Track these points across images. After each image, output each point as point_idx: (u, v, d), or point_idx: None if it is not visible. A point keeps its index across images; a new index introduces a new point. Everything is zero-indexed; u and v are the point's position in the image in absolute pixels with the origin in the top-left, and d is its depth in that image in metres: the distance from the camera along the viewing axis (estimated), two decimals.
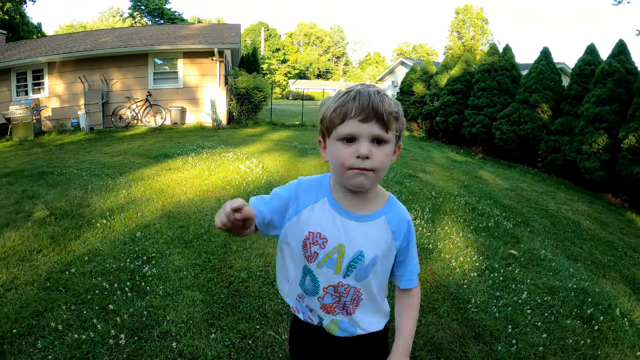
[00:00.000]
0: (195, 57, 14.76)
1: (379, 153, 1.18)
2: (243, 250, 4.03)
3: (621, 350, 3.09)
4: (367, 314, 1.37)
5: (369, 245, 1.28)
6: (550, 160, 11.09)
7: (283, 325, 2.87)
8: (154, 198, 5.43)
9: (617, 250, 5.65)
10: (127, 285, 3.20)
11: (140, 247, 3.94)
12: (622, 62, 9.68)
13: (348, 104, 1.16)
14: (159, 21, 51.78)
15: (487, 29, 48.14)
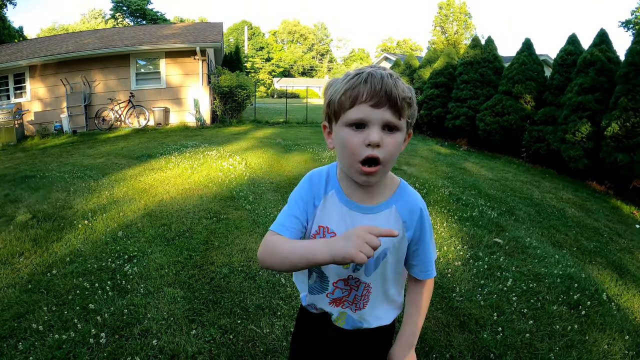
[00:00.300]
0: (177, 56, 14.66)
1: (390, 141, 1.10)
2: (225, 247, 4.02)
3: (609, 334, 3.09)
4: (377, 309, 1.32)
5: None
6: (534, 150, 11.14)
7: (265, 319, 2.86)
8: (136, 198, 5.42)
9: (602, 236, 5.68)
10: (108, 284, 3.19)
11: (121, 246, 3.92)
12: (603, 51, 9.71)
13: (359, 87, 1.08)
14: (141, 22, 51.41)
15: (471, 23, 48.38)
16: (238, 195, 5.63)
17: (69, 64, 14.13)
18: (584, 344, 2.94)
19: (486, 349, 2.74)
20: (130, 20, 52.88)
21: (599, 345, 2.95)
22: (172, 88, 14.83)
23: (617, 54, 9.86)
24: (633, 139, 8.10)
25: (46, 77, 14.34)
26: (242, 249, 3.96)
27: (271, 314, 2.94)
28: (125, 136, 12.21)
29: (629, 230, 6.25)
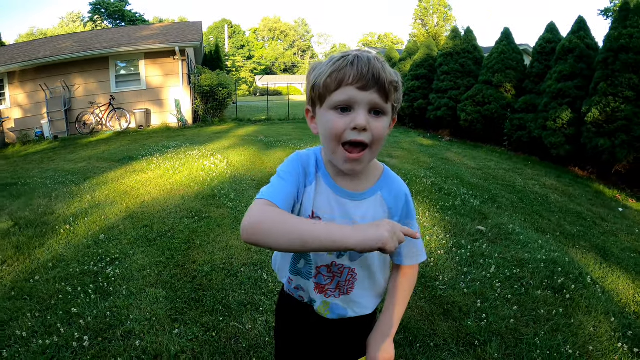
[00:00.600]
0: (156, 57, 14.50)
1: (377, 125, 1.07)
2: (207, 245, 4.00)
3: (595, 317, 3.11)
4: (362, 295, 1.28)
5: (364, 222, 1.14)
6: (516, 138, 11.22)
7: (247, 316, 2.85)
8: (118, 200, 5.36)
9: (586, 220, 5.73)
10: (90, 288, 3.16)
11: (103, 249, 3.88)
12: (582, 38, 9.81)
13: (345, 69, 1.04)
14: (120, 23, 50.77)
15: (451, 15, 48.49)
16: (220, 193, 5.60)
17: (48, 69, 13.91)
18: (570, 327, 2.95)
19: (471, 336, 2.74)
20: (109, 22, 52.21)
21: (584, 328, 2.96)
22: (153, 89, 14.68)
23: (596, 40, 9.98)
24: (613, 123, 8.19)
25: (25, 83, 14.11)
26: (223, 247, 3.95)
27: (253, 310, 2.92)
28: (106, 140, 12.08)
29: (612, 213, 6.32)
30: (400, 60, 17.16)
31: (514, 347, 2.68)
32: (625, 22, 8.48)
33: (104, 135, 13.14)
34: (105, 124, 14.01)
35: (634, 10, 8.49)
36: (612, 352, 2.73)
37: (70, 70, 14.05)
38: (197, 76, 14.84)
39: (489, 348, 2.62)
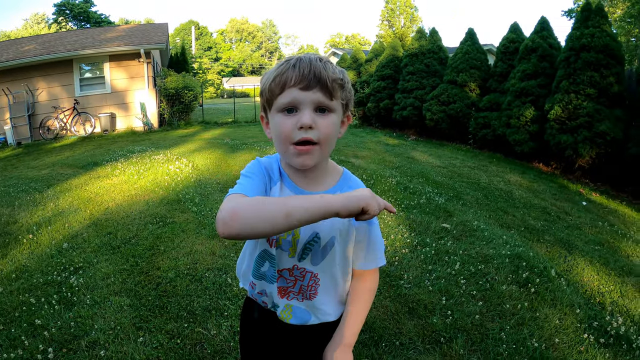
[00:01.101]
0: (121, 59, 14.18)
1: (324, 122, 1.08)
2: (171, 250, 3.94)
3: (560, 309, 3.17)
4: (325, 302, 1.27)
5: (325, 226, 1.17)
6: (480, 136, 11.42)
7: (212, 321, 2.81)
8: (81, 207, 5.24)
9: (550, 215, 5.86)
10: (54, 298, 3.08)
11: (67, 258, 3.79)
12: (544, 38, 10.08)
13: (287, 72, 1.07)
14: (85, 25, 49.48)
15: (417, 16, 49.10)
16: (184, 198, 5.53)
17: (10, 73, 13.44)
18: (535, 320, 3.00)
19: (436, 333, 2.76)
20: (74, 24, 50.79)
21: (550, 320, 3.01)
22: (118, 93, 14.36)
23: (558, 40, 10.28)
24: (576, 120, 8.43)
25: None
26: (188, 252, 3.90)
27: (218, 315, 2.90)
28: (71, 145, 11.78)
29: (575, 207, 6.49)
30: (367, 61, 17.27)
31: (480, 342, 2.71)
32: (587, 22, 8.77)
33: (69, 140, 12.80)
34: (69, 129, 13.64)
35: (595, 11, 8.81)
36: (578, 343, 2.78)
37: (33, 74, 13.61)
38: (163, 79, 14.63)
39: (455, 344, 2.64)
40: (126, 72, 14.31)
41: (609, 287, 3.74)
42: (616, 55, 8.44)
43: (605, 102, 8.33)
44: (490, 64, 12.29)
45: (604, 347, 2.78)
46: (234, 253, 3.86)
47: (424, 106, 13.01)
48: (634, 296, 3.64)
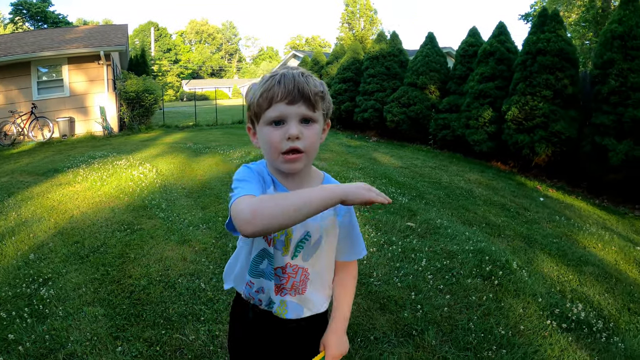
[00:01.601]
0: (80, 62, 13.78)
1: (309, 133, 1.19)
2: (141, 258, 3.89)
3: (523, 299, 3.36)
4: (314, 295, 1.37)
5: (314, 225, 1.29)
6: (440, 137, 11.74)
7: (189, 326, 2.82)
8: (45, 216, 5.09)
9: (510, 211, 6.10)
10: (25, 311, 2.99)
11: (35, 269, 3.67)
12: (502, 42, 10.50)
13: (274, 88, 1.17)
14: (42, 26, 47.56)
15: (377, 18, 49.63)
16: (150, 204, 5.47)
17: None
18: (501, 310, 3.18)
19: (408, 326, 2.87)
20: (31, 24, 48.60)
21: (514, 310, 3.20)
22: (77, 96, 13.96)
23: (515, 44, 10.72)
24: (532, 120, 8.82)
25: None
26: (158, 259, 3.86)
27: (195, 320, 2.90)
28: (29, 151, 11.36)
29: (533, 203, 6.78)
30: (327, 64, 17.41)
31: (450, 332, 2.85)
32: (543, 27, 9.20)
33: (27, 146, 12.32)
34: (27, 134, 13.14)
35: (551, 17, 9.26)
36: (542, 329, 2.97)
37: None
38: (123, 82, 14.32)
39: (427, 336, 2.76)
40: (85, 74, 13.95)
41: (568, 276, 3.97)
42: (571, 59, 8.89)
43: (561, 103, 8.75)
44: (449, 66, 12.64)
45: (566, 332, 2.98)
46: (205, 258, 3.86)
47: (384, 108, 13.24)
48: (592, 283, 3.89)
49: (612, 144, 7.64)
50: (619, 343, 2.93)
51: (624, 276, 4.22)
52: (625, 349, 2.86)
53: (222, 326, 2.81)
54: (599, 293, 3.71)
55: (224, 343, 2.62)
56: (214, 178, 6.87)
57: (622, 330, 3.15)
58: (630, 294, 3.79)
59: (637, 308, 3.54)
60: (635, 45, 7.65)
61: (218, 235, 4.41)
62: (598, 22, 22.40)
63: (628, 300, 3.65)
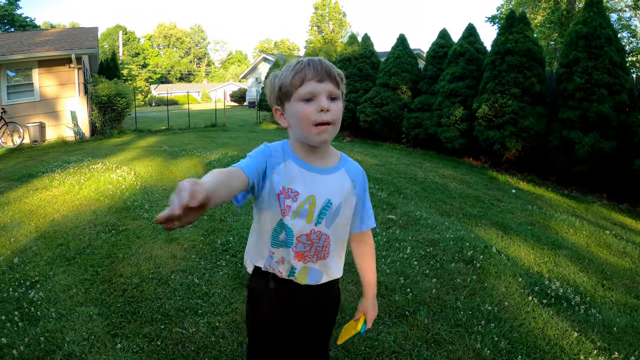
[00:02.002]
0: (51, 65, 13.45)
1: (335, 107, 1.35)
2: (130, 257, 3.89)
3: (504, 280, 3.58)
4: (334, 259, 1.51)
5: (335, 194, 1.43)
6: (413, 135, 12.03)
7: (188, 320, 2.85)
8: (25, 221, 5.00)
9: (484, 202, 6.35)
10: (15, 315, 2.94)
11: (20, 273, 3.61)
12: (472, 43, 10.89)
13: (305, 70, 1.33)
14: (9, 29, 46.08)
15: (346, 21, 50.13)
16: (133, 205, 5.45)
17: None
18: (485, 290, 3.38)
19: (400, 308, 3.01)
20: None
21: (497, 289, 3.40)
22: (48, 100, 13.63)
23: (484, 45, 11.15)
24: (502, 117, 9.15)
25: None
26: (148, 257, 3.86)
27: (193, 314, 2.92)
28: (0, 157, 11.11)
29: (506, 195, 7.07)
30: None
31: (440, 312, 3.01)
32: (511, 29, 9.60)
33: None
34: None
35: (519, 19, 9.69)
36: (525, 305, 3.18)
37: None
38: (94, 85, 14.04)
39: (419, 315, 2.91)
40: (56, 78, 13.62)
41: (544, 259, 4.22)
42: (538, 58, 9.30)
43: (529, 100, 9.12)
44: (420, 67, 12.95)
45: (547, 307, 3.19)
46: (195, 254, 3.89)
47: (357, 108, 13.46)
48: (567, 264, 4.15)
49: (579, 137, 8.00)
50: (597, 314, 3.14)
51: (595, 257, 4.49)
52: (603, 319, 3.08)
53: (221, 318, 2.85)
54: (573, 272, 3.95)
55: (225, 333, 2.68)
56: None
57: (599, 303, 3.38)
58: (603, 272, 4.06)
59: (610, 284, 3.79)
60: (599, 44, 8.05)
61: (205, 232, 4.45)
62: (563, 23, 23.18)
63: (601, 278, 3.91)
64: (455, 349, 2.58)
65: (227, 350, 2.52)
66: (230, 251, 3.98)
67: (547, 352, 2.62)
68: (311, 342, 1.62)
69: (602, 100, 7.87)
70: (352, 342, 2.60)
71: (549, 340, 2.74)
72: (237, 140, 12.41)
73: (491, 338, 2.68)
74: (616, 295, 3.56)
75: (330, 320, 1.64)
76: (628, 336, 2.89)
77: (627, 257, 4.65)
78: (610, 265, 4.32)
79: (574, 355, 2.60)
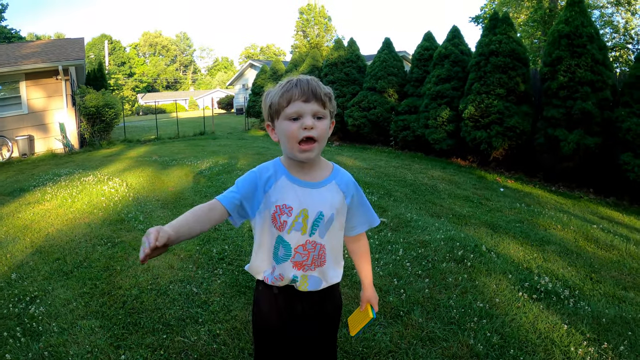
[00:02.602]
0: (38, 77, 13.35)
1: (320, 125, 1.44)
2: (128, 269, 3.92)
3: (495, 277, 3.68)
4: (331, 267, 1.61)
5: (326, 206, 1.53)
6: (401, 137, 12.16)
7: (189, 329, 2.89)
8: (19, 236, 4.99)
9: (473, 202, 6.47)
10: (17, 330, 2.95)
11: (19, 289, 3.62)
12: (456, 45, 11.05)
13: (292, 90, 1.42)
14: None
15: (331, 25, 50.24)
16: (127, 217, 5.47)
17: None
18: (476, 288, 3.48)
19: (395, 309, 3.10)
20: None
21: (488, 286, 3.51)
22: (36, 113, 13.53)
23: (469, 46, 11.31)
24: (488, 117, 9.31)
25: None
26: (146, 268, 3.88)
27: (193, 323, 2.96)
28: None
29: (495, 194, 7.20)
30: (287, 72, 17.63)
31: (434, 311, 3.10)
32: (494, 30, 9.76)
33: None
34: None
35: (502, 20, 9.85)
36: (515, 300, 3.28)
37: None
38: (82, 97, 13.96)
39: (414, 315, 3.00)
40: (44, 90, 13.53)
41: (532, 255, 4.33)
42: (522, 58, 9.46)
43: (514, 100, 9.29)
44: (406, 70, 13.09)
45: (537, 301, 3.30)
46: (192, 264, 3.93)
47: (345, 113, 13.57)
48: (555, 259, 4.27)
49: (564, 135, 8.15)
50: (586, 307, 3.25)
51: (583, 251, 4.61)
52: (592, 312, 3.18)
53: (221, 325, 2.90)
54: (562, 267, 4.07)
55: (227, 340, 2.74)
56: (187, 189, 6.93)
57: (587, 296, 3.48)
58: (591, 266, 4.18)
59: (598, 277, 3.90)
60: (581, 43, 8.22)
61: (201, 242, 4.50)
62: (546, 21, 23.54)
63: (590, 271, 4.03)
64: (449, 346, 2.67)
65: (229, 357, 2.57)
66: (226, 259, 4.04)
67: (538, 345, 2.71)
68: (317, 343, 1.71)
69: (586, 97, 8.03)
70: (349, 342, 2.68)
71: (539, 333, 2.84)
72: (226, 148, 12.44)
73: (484, 334, 2.78)
74: (604, 287, 3.67)
75: (334, 320, 1.74)
76: (617, 327, 2.99)
77: (615, 250, 4.77)
78: (598, 258, 4.44)
79: (565, 347, 2.70)
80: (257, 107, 20.09)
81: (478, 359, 2.56)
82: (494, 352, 2.62)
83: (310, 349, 1.70)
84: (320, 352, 1.73)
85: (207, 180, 7.42)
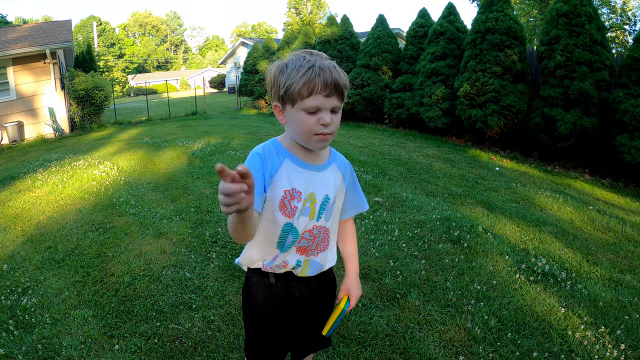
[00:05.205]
0: (26, 62, 13.10)
1: (336, 119, 1.38)
2: (120, 255, 3.86)
3: (492, 258, 3.66)
4: (331, 249, 1.60)
5: (330, 189, 1.50)
6: (395, 115, 12.06)
7: (183, 315, 2.85)
8: (10, 225, 4.90)
9: (468, 181, 6.43)
10: (10, 323, 2.89)
11: (11, 280, 3.55)
12: (452, 22, 10.88)
13: (315, 80, 1.31)
14: None
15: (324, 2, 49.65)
16: (118, 201, 5.39)
17: None
18: (473, 269, 3.45)
19: (391, 291, 3.07)
20: None
21: (485, 268, 3.47)
22: (25, 98, 13.31)
23: (465, 24, 11.12)
24: (484, 95, 9.21)
25: None
26: (138, 254, 3.84)
27: (187, 309, 2.93)
28: None
29: (490, 173, 7.16)
30: (279, 50, 17.40)
31: (431, 293, 3.07)
32: (491, 7, 9.61)
33: None
34: None
35: None
36: (513, 282, 3.26)
37: None
38: (71, 80, 13.75)
39: (410, 298, 2.97)
40: (32, 75, 13.29)
41: (529, 236, 4.30)
42: (518, 36, 9.33)
43: (510, 78, 9.19)
44: (400, 47, 12.91)
45: (534, 283, 3.27)
46: (185, 248, 3.89)
47: None
48: (552, 241, 4.23)
49: (560, 114, 8.10)
50: (583, 289, 3.23)
51: (580, 233, 4.59)
52: (589, 294, 3.16)
53: (215, 311, 2.87)
54: (559, 249, 4.04)
55: (221, 326, 2.70)
56: (179, 170, 6.85)
57: (584, 278, 3.46)
58: (587, 248, 4.15)
59: (595, 259, 3.88)
60: (579, 22, 8.11)
61: (193, 225, 4.45)
62: None
63: (586, 253, 4.00)
64: (447, 329, 2.64)
65: (224, 343, 2.54)
66: (219, 242, 3.98)
67: (535, 328, 2.69)
68: (311, 328, 1.67)
69: (583, 77, 7.96)
70: (345, 327, 2.65)
71: (537, 316, 2.82)
72: (219, 128, 12.30)
73: (481, 317, 2.75)
74: (601, 270, 3.65)
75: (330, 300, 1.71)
76: (614, 310, 2.97)
77: (611, 231, 4.76)
78: (594, 240, 4.42)
79: (562, 330, 2.68)
80: (250, 85, 19.94)
81: (476, 342, 2.53)
82: (491, 335, 2.60)
83: (306, 332, 1.68)
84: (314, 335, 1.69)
85: (200, 161, 7.33)
